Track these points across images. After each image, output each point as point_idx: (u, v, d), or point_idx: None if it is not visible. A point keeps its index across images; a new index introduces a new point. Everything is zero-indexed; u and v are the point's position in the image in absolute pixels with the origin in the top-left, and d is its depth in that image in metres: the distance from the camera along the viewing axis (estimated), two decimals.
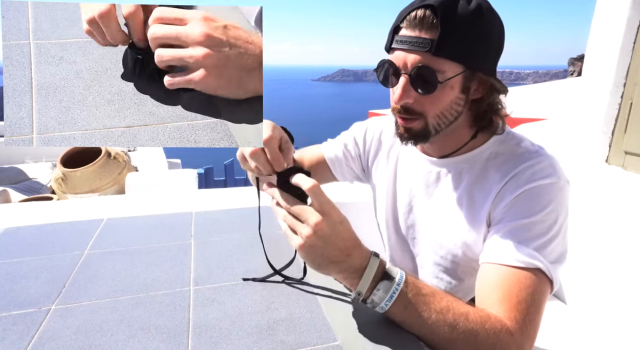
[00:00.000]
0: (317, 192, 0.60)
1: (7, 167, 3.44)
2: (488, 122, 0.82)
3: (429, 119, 0.77)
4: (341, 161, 1.05)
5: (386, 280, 0.62)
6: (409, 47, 0.72)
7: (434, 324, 0.62)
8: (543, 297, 0.69)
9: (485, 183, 0.79)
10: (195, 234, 1.03)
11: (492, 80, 0.77)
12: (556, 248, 0.72)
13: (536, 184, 0.73)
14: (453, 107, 0.77)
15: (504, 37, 0.77)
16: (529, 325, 0.65)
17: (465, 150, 0.84)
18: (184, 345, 0.63)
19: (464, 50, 0.71)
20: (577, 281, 1.35)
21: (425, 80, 0.72)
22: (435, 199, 0.88)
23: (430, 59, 0.71)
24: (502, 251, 0.71)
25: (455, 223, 0.83)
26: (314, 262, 0.62)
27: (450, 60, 0.71)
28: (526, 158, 0.76)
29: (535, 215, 0.72)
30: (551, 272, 0.69)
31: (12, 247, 0.96)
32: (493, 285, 0.69)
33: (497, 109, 0.81)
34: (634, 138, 1.45)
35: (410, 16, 0.72)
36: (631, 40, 1.46)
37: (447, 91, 0.74)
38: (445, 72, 0.72)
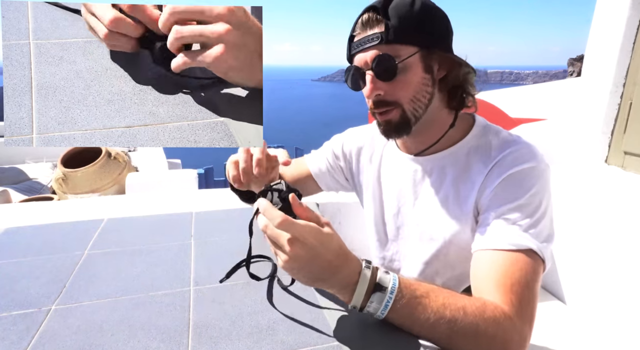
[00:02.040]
0: (286, 225, 0.58)
1: (8, 167, 3.44)
2: (460, 101, 0.85)
3: (404, 106, 0.81)
4: (325, 174, 1.10)
5: (378, 292, 0.62)
6: (364, 46, 0.79)
7: (432, 324, 0.62)
8: (537, 277, 0.71)
9: (469, 174, 0.83)
10: (195, 234, 1.03)
11: (452, 56, 0.81)
12: (544, 228, 0.74)
13: (517, 168, 0.77)
14: (423, 88, 0.81)
15: (448, 20, 0.83)
16: (525, 307, 0.67)
17: (447, 144, 0.87)
18: (184, 345, 0.63)
19: (411, 32, 0.77)
20: (576, 281, 1.35)
21: (387, 68, 0.78)
22: (423, 196, 0.90)
23: (384, 48, 0.77)
24: (492, 237, 0.74)
25: (444, 217, 0.86)
26: (300, 280, 0.62)
27: (402, 44, 0.77)
28: (505, 146, 0.80)
29: (520, 199, 0.75)
30: (542, 251, 0.72)
31: (13, 247, 0.96)
32: (487, 271, 0.71)
33: (465, 85, 0.85)
34: (634, 138, 1.45)
35: (358, 22, 0.81)
36: (631, 40, 1.47)
37: (410, 73, 0.79)
38: (401, 56, 0.77)
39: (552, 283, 1.44)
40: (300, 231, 0.58)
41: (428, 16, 0.79)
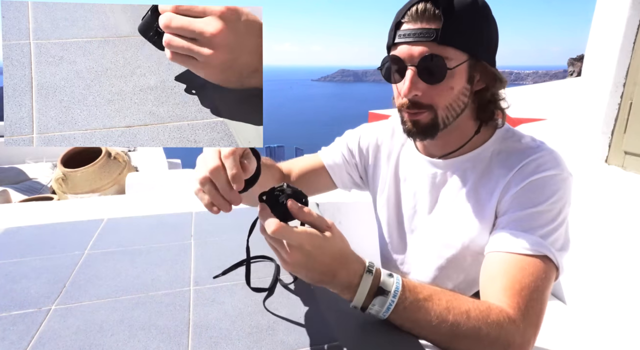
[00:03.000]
0: (283, 233, 0.57)
1: (8, 167, 3.44)
2: (490, 115, 0.83)
3: (438, 111, 0.77)
4: (341, 167, 1.04)
5: (381, 295, 0.62)
6: (414, 39, 0.73)
7: (434, 326, 0.62)
8: (548, 284, 0.70)
9: (490, 179, 0.80)
10: (195, 234, 1.03)
11: (494, 71, 0.79)
12: (561, 236, 0.73)
13: (540, 175, 0.75)
14: (460, 98, 0.77)
15: (498, 32, 0.80)
16: (531, 311, 0.66)
17: (468, 148, 0.84)
18: (184, 345, 0.63)
19: (467, 38, 0.73)
20: (576, 281, 1.35)
21: (433, 70, 0.73)
22: (442, 201, 0.88)
23: (437, 47, 0.72)
24: (508, 240, 0.72)
25: (463, 223, 0.83)
26: (303, 280, 0.63)
27: (455, 49, 0.73)
28: (529, 153, 0.78)
29: (540, 205, 0.73)
30: (558, 259, 0.71)
31: (12, 247, 0.96)
32: (497, 272, 0.70)
33: (498, 101, 0.83)
34: (634, 138, 1.45)
35: (411, 10, 0.73)
36: (631, 40, 1.46)
37: (454, 80, 0.75)
38: (452, 60, 0.73)
39: None
40: (295, 238, 0.58)
41: (486, 24, 0.75)
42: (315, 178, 1.04)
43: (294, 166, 1.03)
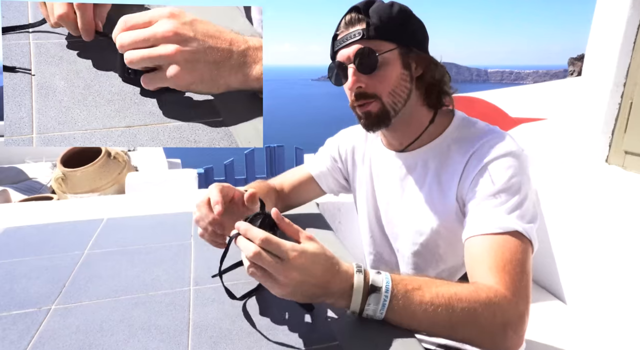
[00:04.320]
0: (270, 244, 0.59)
1: (7, 167, 3.43)
2: (437, 99, 0.90)
3: (383, 99, 0.85)
4: (326, 174, 1.13)
5: (374, 293, 0.63)
6: (347, 42, 0.84)
7: (431, 314, 0.63)
8: (527, 257, 0.73)
9: (450, 165, 0.86)
10: (195, 234, 1.03)
11: (428, 56, 0.88)
12: (527, 210, 0.76)
13: (494, 155, 0.80)
14: (401, 83, 0.85)
15: (424, 26, 0.89)
16: (519, 285, 0.69)
17: (427, 139, 0.91)
18: (184, 345, 0.63)
19: (390, 30, 0.83)
20: (576, 281, 1.35)
21: (368, 61, 0.82)
22: (408, 190, 0.94)
23: (366, 42, 0.82)
24: (479, 222, 0.76)
25: (429, 209, 0.89)
26: (297, 300, 0.63)
27: (381, 40, 0.83)
28: (482, 136, 0.84)
29: (499, 184, 0.78)
30: (528, 232, 0.74)
31: (12, 247, 0.96)
32: (479, 255, 0.73)
33: (441, 83, 0.89)
34: (634, 138, 1.45)
35: (342, 22, 0.86)
36: (631, 40, 1.46)
37: (390, 67, 0.84)
38: (381, 50, 0.82)
39: (552, 283, 1.44)
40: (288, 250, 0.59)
41: (405, 18, 0.85)
42: (305, 188, 1.13)
43: (284, 181, 1.12)
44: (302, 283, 0.60)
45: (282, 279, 0.59)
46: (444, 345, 0.92)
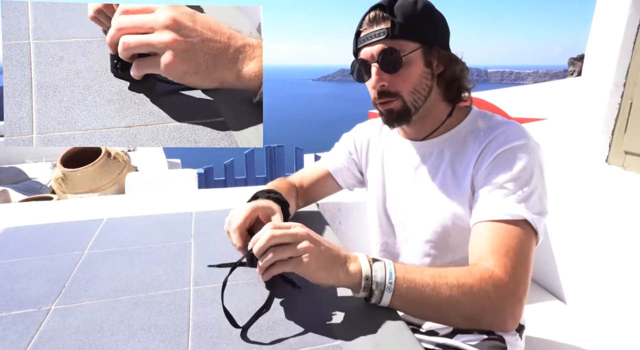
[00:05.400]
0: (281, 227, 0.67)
1: (7, 167, 3.44)
2: (456, 94, 0.92)
3: (405, 97, 0.87)
4: (342, 169, 1.14)
5: (377, 261, 0.69)
6: (371, 40, 0.85)
7: (433, 288, 0.67)
8: (530, 246, 0.75)
9: (465, 155, 0.88)
10: (195, 234, 1.03)
11: (449, 54, 0.89)
12: (536, 202, 0.78)
13: (509, 145, 0.82)
14: (423, 81, 0.87)
15: (446, 21, 0.90)
16: (519, 269, 0.71)
17: (444, 130, 0.93)
18: (184, 345, 0.63)
19: (415, 29, 0.84)
20: (577, 281, 1.35)
21: (392, 61, 0.84)
22: (422, 178, 0.95)
23: (390, 42, 0.84)
24: (488, 209, 0.78)
25: (442, 196, 0.90)
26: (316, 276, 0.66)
27: (406, 40, 0.84)
28: (498, 127, 0.86)
29: (512, 173, 0.79)
30: (535, 223, 0.75)
31: (12, 247, 0.96)
32: (483, 239, 0.75)
33: (461, 79, 0.92)
34: (634, 138, 1.45)
35: (366, 19, 0.87)
36: (631, 40, 1.46)
37: (413, 67, 0.85)
38: (405, 50, 0.84)
39: (552, 283, 1.44)
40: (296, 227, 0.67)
41: (429, 16, 0.86)
42: (323, 184, 1.16)
43: (304, 178, 1.15)
44: (319, 252, 0.66)
45: (302, 252, 0.65)
46: (444, 345, 0.92)
